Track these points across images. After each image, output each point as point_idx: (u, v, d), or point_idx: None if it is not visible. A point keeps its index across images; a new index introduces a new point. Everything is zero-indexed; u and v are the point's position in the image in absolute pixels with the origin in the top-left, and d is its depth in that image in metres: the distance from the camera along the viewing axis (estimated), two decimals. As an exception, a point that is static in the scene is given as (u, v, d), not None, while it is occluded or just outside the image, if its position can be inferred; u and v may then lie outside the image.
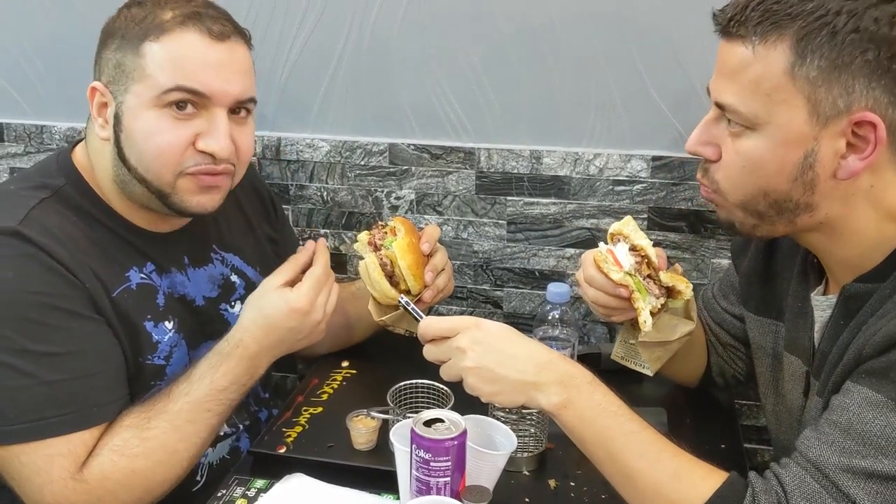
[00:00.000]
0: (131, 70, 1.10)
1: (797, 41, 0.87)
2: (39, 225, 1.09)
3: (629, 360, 1.23)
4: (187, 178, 1.13)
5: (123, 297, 1.15)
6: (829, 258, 1.00)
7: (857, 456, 0.85)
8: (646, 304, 1.10)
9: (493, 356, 0.99)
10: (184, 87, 1.09)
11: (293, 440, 1.21)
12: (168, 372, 1.20)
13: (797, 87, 0.88)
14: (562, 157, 1.52)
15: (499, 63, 1.50)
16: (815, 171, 0.90)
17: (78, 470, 1.06)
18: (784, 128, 0.90)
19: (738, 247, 1.23)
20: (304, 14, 1.53)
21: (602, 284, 1.12)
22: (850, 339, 0.92)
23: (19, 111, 1.70)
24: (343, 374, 1.40)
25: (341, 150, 1.59)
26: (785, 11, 0.87)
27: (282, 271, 1.23)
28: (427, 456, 0.94)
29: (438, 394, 1.20)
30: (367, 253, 1.28)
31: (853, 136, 0.88)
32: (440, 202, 1.59)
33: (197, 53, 1.10)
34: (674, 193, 1.50)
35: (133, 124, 1.11)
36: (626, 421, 0.96)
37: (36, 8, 1.61)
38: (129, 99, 1.11)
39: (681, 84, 1.45)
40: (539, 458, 1.17)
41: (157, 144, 1.10)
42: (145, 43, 1.10)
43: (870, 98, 0.86)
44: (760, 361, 1.18)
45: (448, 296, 1.37)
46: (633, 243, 1.12)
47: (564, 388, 0.97)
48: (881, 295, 0.91)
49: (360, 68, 1.55)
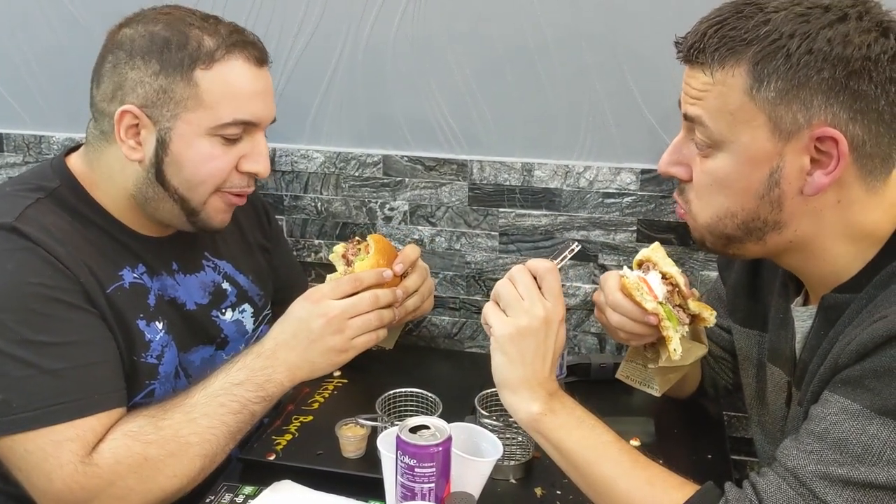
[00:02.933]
0: (183, 98, 1.12)
1: (754, 65, 0.89)
2: (35, 222, 1.11)
3: (636, 380, 1.23)
4: (220, 196, 1.19)
5: (117, 295, 1.16)
6: (804, 274, 1.02)
7: (834, 464, 0.86)
8: (676, 332, 1.10)
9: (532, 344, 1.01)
10: (240, 120, 1.15)
11: (282, 447, 1.22)
12: (161, 372, 1.21)
13: (758, 107, 0.90)
14: (553, 170, 1.54)
15: (492, 78, 1.52)
16: (782, 188, 0.92)
17: (87, 454, 1.06)
18: (748, 146, 0.91)
19: (725, 260, 1.24)
20: (300, 27, 1.55)
21: (630, 312, 1.10)
22: (829, 349, 0.93)
23: (19, 121, 1.72)
24: (335, 383, 1.42)
25: (336, 161, 1.61)
26: (741, 37, 0.90)
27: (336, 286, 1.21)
28: (412, 462, 0.96)
29: (427, 402, 1.21)
30: (338, 265, 1.30)
31: (816, 152, 0.90)
32: (433, 213, 1.61)
33: (247, 84, 1.15)
34: (663, 206, 1.52)
35: (184, 151, 1.14)
36: (603, 432, 0.99)
37: (40, 20, 1.64)
38: (179, 126, 1.13)
39: (670, 100, 1.44)
40: (525, 467, 1.18)
41: (209, 170, 1.16)
42: (196, 71, 1.12)
43: (828, 113, 0.88)
44: (746, 372, 1.19)
45: (424, 314, 1.38)
46: (663, 271, 1.11)
47: (554, 398, 1.01)
48: (857, 305, 0.92)
49: (354, 80, 1.57)
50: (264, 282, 1.42)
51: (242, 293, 1.37)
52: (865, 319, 0.89)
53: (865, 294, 0.92)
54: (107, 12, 1.23)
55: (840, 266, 0.96)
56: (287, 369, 1.17)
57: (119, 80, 1.14)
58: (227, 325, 1.33)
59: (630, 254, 1.55)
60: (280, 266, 1.49)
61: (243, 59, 1.15)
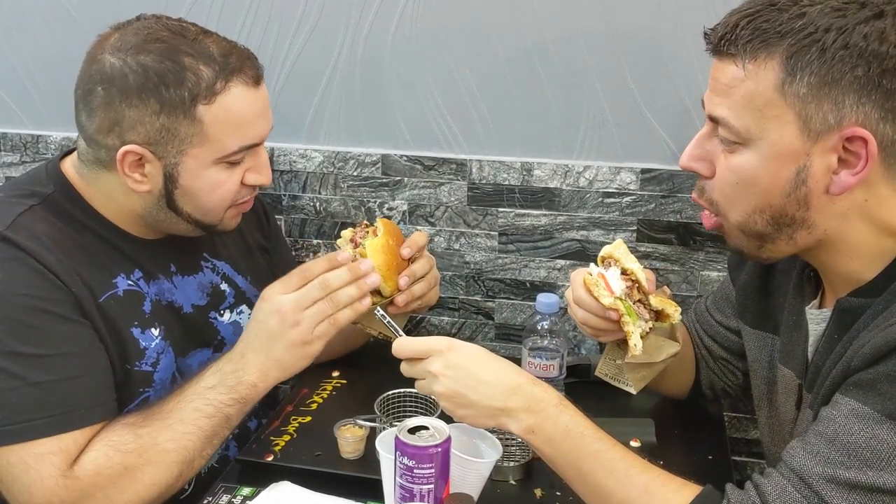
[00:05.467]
0: (188, 136, 1.11)
1: (787, 59, 0.87)
2: (27, 230, 1.10)
3: (614, 378, 1.24)
4: (233, 208, 1.21)
5: (110, 304, 1.16)
6: (830, 272, 1.00)
7: (841, 467, 0.85)
8: (636, 328, 1.10)
9: (464, 382, 1.00)
10: (246, 146, 1.16)
11: (281, 448, 1.21)
12: (156, 379, 1.20)
13: (788, 104, 0.88)
14: (552, 170, 1.53)
15: (491, 77, 1.51)
16: (808, 187, 0.91)
17: (69, 467, 1.06)
18: (776, 143, 0.90)
19: (736, 260, 1.23)
20: (298, 26, 1.54)
21: (592, 307, 1.12)
22: (843, 353, 0.92)
23: (16, 121, 1.71)
24: (333, 383, 1.41)
25: (334, 161, 1.61)
26: (774, 30, 0.88)
27: (286, 280, 1.21)
28: (411, 463, 0.95)
29: (426, 402, 1.21)
30: (346, 248, 1.29)
31: (844, 152, 0.89)
32: (432, 213, 1.60)
33: (249, 109, 1.15)
34: (663, 206, 1.51)
35: (194, 182, 1.15)
36: (594, 440, 0.97)
37: (37, 21, 1.63)
38: (186, 161, 1.13)
39: (670, 99, 1.46)
40: (525, 468, 1.17)
41: (221, 195, 1.18)
42: (198, 107, 1.10)
43: (860, 113, 0.87)
44: (755, 374, 1.18)
45: (429, 305, 1.37)
46: (624, 267, 1.12)
47: (531, 414, 0.99)
48: (874, 311, 0.91)
49: (353, 79, 1.56)
50: (263, 283, 1.41)
51: (240, 294, 1.36)
52: (881, 323, 0.88)
53: (883, 300, 0.91)
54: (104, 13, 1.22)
55: (864, 263, 0.94)
56: (257, 370, 1.17)
57: (115, 117, 1.10)
58: (224, 327, 1.33)
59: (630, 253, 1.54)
60: (279, 266, 1.48)
61: (242, 85, 1.13)
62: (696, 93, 1.44)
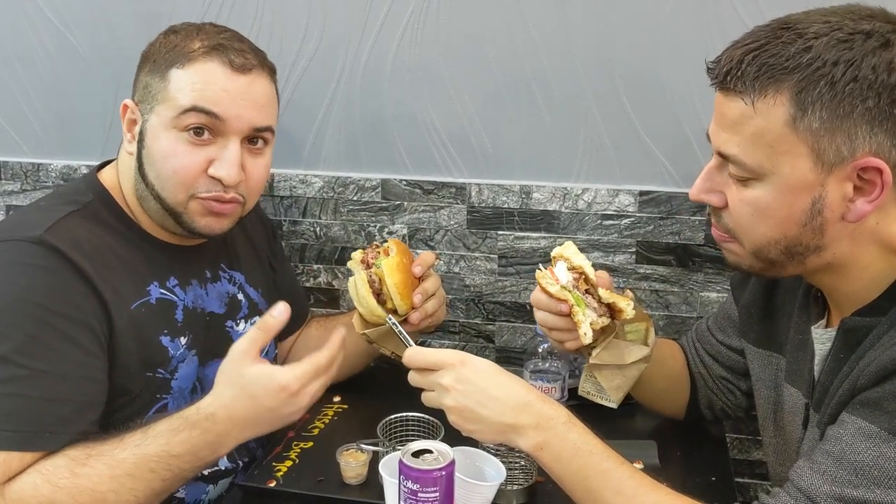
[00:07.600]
0: (157, 92, 1.17)
1: (796, 94, 0.87)
2: (66, 234, 1.11)
3: (595, 394, 1.24)
4: (198, 201, 1.18)
5: (141, 311, 1.17)
6: (836, 293, 1.00)
7: (848, 486, 0.85)
8: (585, 316, 1.12)
9: (474, 397, 1.00)
10: (200, 107, 1.14)
11: (283, 474, 1.21)
12: (174, 386, 1.20)
13: (800, 138, 0.88)
14: (551, 192, 1.54)
15: (490, 101, 1.53)
16: (825, 216, 0.91)
17: (2, 483, 1.02)
18: (789, 176, 0.90)
19: (738, 280, 1.23)
20: (298, 53, 1.56)
21: (545, 303, 1.15)
22: (849, 372, 0.92)
23: (17, 150, 1.72)
24: (335, 408, 1.41)
25: (334, 186, 1.62)
26: (781, 65, 0.87)
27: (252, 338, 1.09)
28: (415, 486, 0.94)
29: (428, 426, 1.20)
30: (358, 270, 1.30)
31: (859, 180, 0.89)
32: (432, 237, 1.61)
33: (217, 81, 1.15)
34: (661, 227, 1.52)
35: (153, 143, 1.17)
36: (602, 459, 0.97)
37: (39, 51, 1.64)
38: (152, 118, 1.17)
39: (668, 122, 1.48)
40: (528, 491, 1.16)
41: (173, 166, 1.16)
42: (172, 69, 1.16)
43: (873, 143, 0.87)
44: (760, 393, 1.18)
45: (438, 324, 1.38)
46: (573, 264, 1.16)
47: (540, 431, 0.98)
48: (880, 329, 0.91)
49: (352, 105, 1.57)
50: (272, 297, 1.42)
51: (253, 306, 1.36)
52: (887, 343, 0.88)
53: (888, 318, 0.91)
54: (105, 42, 1.24)
55: (870, 282, 0.95)
56: (235, 443, 1.09)
57: (135, 83, 1.22)
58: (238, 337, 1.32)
59: (629, 275, 1.55)
60: (282, 287, 1.48)
61: (219, 62, 1.16)
62: (692, 115, 1.46)
